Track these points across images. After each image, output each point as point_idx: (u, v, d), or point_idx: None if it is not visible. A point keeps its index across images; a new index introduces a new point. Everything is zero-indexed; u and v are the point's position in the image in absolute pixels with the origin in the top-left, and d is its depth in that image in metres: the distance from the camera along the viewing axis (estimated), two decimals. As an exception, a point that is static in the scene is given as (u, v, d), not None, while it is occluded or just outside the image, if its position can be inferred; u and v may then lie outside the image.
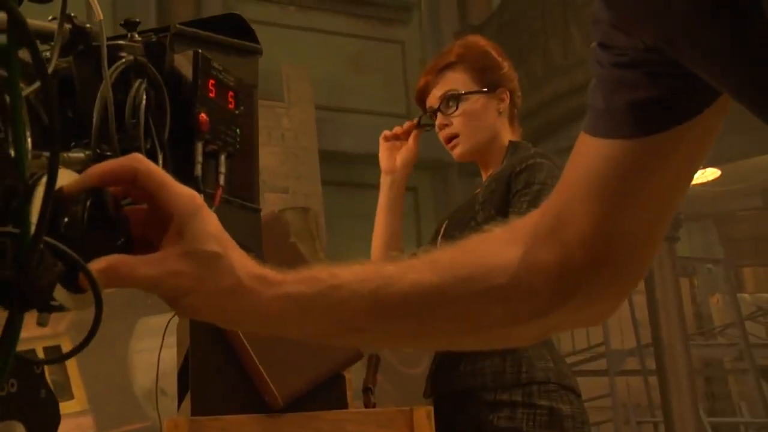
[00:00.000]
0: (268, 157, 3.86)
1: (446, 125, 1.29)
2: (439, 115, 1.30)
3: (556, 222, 0.49)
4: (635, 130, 0.44)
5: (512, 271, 0.48)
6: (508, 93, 1.29)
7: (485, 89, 1.27)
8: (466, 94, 1.27)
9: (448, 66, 1.30)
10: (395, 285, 0.47)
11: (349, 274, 0.47)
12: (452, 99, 1.28)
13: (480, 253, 0.50)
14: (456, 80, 1.28)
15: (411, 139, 1.35)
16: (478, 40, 1.34)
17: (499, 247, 0.50)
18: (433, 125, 1.33)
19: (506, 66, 1.31)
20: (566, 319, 0.50)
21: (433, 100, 1.31)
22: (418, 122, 1.35)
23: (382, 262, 0.50)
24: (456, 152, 1.30)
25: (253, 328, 0.49)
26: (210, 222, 0.44)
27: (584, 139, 0.48)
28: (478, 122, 1.27)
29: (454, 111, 1.27)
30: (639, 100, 0.43)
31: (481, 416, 1.17)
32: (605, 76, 0.45)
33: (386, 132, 1.37)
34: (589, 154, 0.47)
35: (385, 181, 1.36)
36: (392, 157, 1.35)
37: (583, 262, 0.48)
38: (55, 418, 0.51)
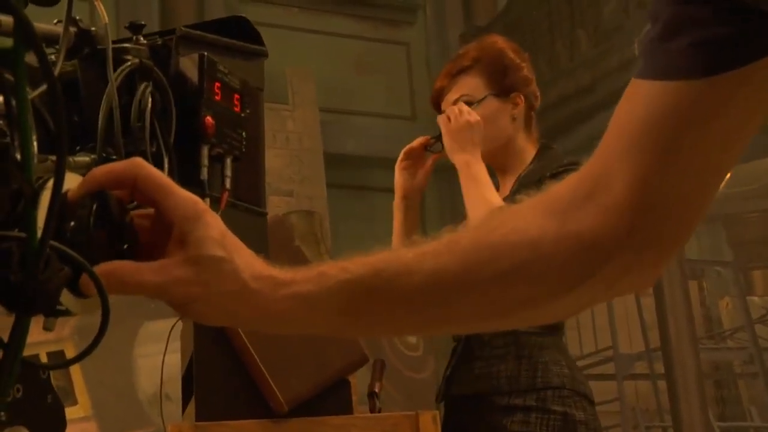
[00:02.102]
0: (272, 159, 3.86)
1: None
2: None
3: (594, 184, 0.46)
4: (697, 69, 0.41)
5: (538, 245, 0.45)
6: (522, 97, 1.27)
7: (498, 94, 1.26)
8: (479, 101, 1.25)
9: (463, 70, 1.28)
10: (413, 274, 0.45)
11: (362, 266, 0.45)
12: (467, 104, 1.26)
13: (503, 230, 0.47)
14: (469, 85, 1.27)
15: (430, 162, 1.30)
16: (495, 41, 1.31)
17: (526, 220, 0.47)
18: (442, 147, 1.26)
19: (524, 67, 1.28)
20: (601, 292, 0.47)
21: (447, 105, 1.29)
22: (431, 142, 1.28)
23: (400, 250, 0.47)
24: None
25: (265, 329, 0.49)
26: (213, 226, 0.43)
27: (635, 86, 0.44)
28: (492, 128, 1.25)
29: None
30: (704, 38, 0.41)
31: (495, 420, 1.17)
32: (668, 16, 0.42)
33: (405, 151, 1.29)
34: (639, 101, 0.44)
35: (401, 206, 1.30)
36: (409, 181, 1.29)
37: (619, 229, 0.45)
38: (61, 424, 0.51)
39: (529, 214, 0.47)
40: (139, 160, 0.43)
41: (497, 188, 1.31)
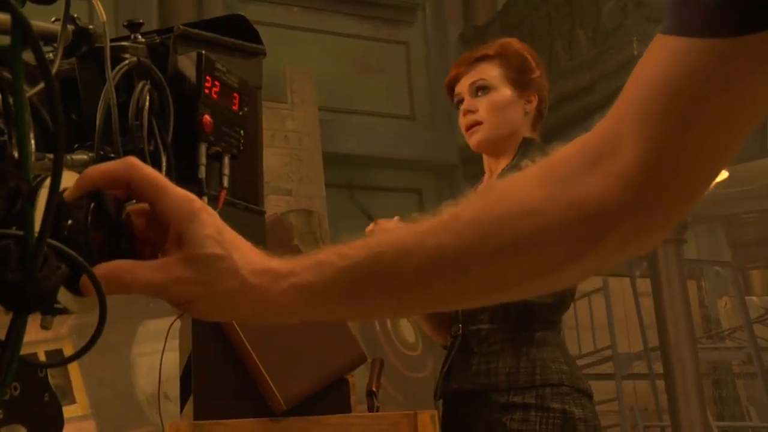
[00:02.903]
0: (271, 159, 3.86)
1: (471, 111, 1.27)
2: (465, 99, 1.28)
3: (602, 148, 0.44)
4: (726, 26, 0.39)
5: (540, 216, 0.44)
6: (536, 96, 1.29)
7: (515, 86, 1.27)
8: (497, 87, 1.26)
9: (484, 58, 1.29)
10: (414, 254, 0.44)
11: (361, 250, 0.44)
12: (482, 89, 1.27)
13: (505, 203, 0.45)
14: (488, 71, 1.28)
15: None
16: (515, 42, 1.33)
17: (528, 191, 0.45)
18: None
19: (538, 72, 1.30)
20: (607, 258, 0.45)
21: (462, 87, 1.30)
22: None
23: (399, 230, 0.46)
24: (475, 139, 1.27)
25: (268, 322, 0.48)
26: (209, 224, 0.43)
27: (657, 43, 0.42)
28: (503, 115, 1.26)
29: (482, 98, 1.26)
30: None
31: (494, 418, 1.17)
32: None
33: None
34: (661, 58, 0.41)
35: None
36: None
37: (626, 196, 0.43)
38: (59, 422, 0.51)
39: (532, 182, 0.45)
40: (132, 160, 0.43)
41: (489, 176, 1.31)
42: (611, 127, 0.44)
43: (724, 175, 4.21)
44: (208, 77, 0.51)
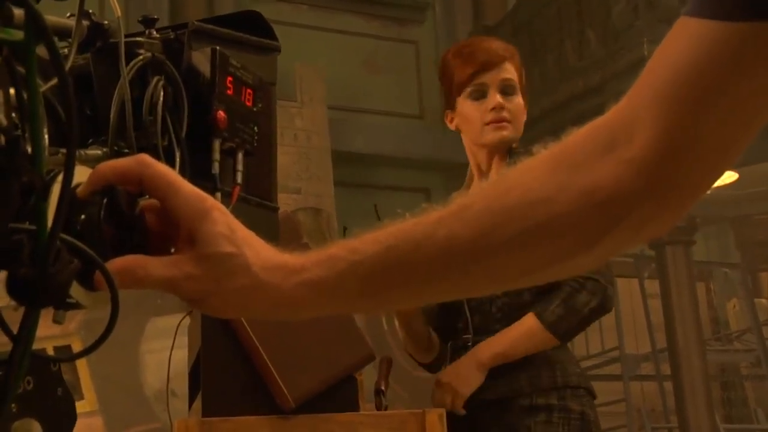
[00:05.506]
0: (280, 157, 3.82)
1: (503, 108, 1.25)
2: (494, 93, 1.25)
3: (615, 134, 0.43)
4: (755, 10, 0.38)
5: (552, 204, 0.43)
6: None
7: (523, 96, 1.29)
8: (518, 93, 1.28)
9: (506, 58, 1.28)
10: (426, 246, 0.44)
11: (372, 244, 0.44)
12: (510, 89, 1.26)
13: (516, 192, 0.44)
14: (513, 73, 1.28)
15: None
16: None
17: (539, 178, 0.44)
18: None
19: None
20: (622, 243, 0.45)
21: (491, 79, 1.25)
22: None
23: (410, 221, 0.45)
24: (502, 134, 1.24)
25: (280, 318, 0.48)
26: (220, 222, 0.43)
27: (680, 25, 0.41)
28: (521, 121, 1.28)
29: (511, 99, 1.26)
30: None
31: (518, 422, 1.18)
32: None
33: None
34: (683, 41, 0.41)
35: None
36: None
37: (639, 182, 0.42)
38: (72, 417, 0.51)
39: (543, 169, 0.45)
40: (144, 157, 0.43)
41: (478, 177, 1.30)
42: (626, 113, 0.43)
43: (733, 176, 4.18)
44: (222, 73, 0.51)
